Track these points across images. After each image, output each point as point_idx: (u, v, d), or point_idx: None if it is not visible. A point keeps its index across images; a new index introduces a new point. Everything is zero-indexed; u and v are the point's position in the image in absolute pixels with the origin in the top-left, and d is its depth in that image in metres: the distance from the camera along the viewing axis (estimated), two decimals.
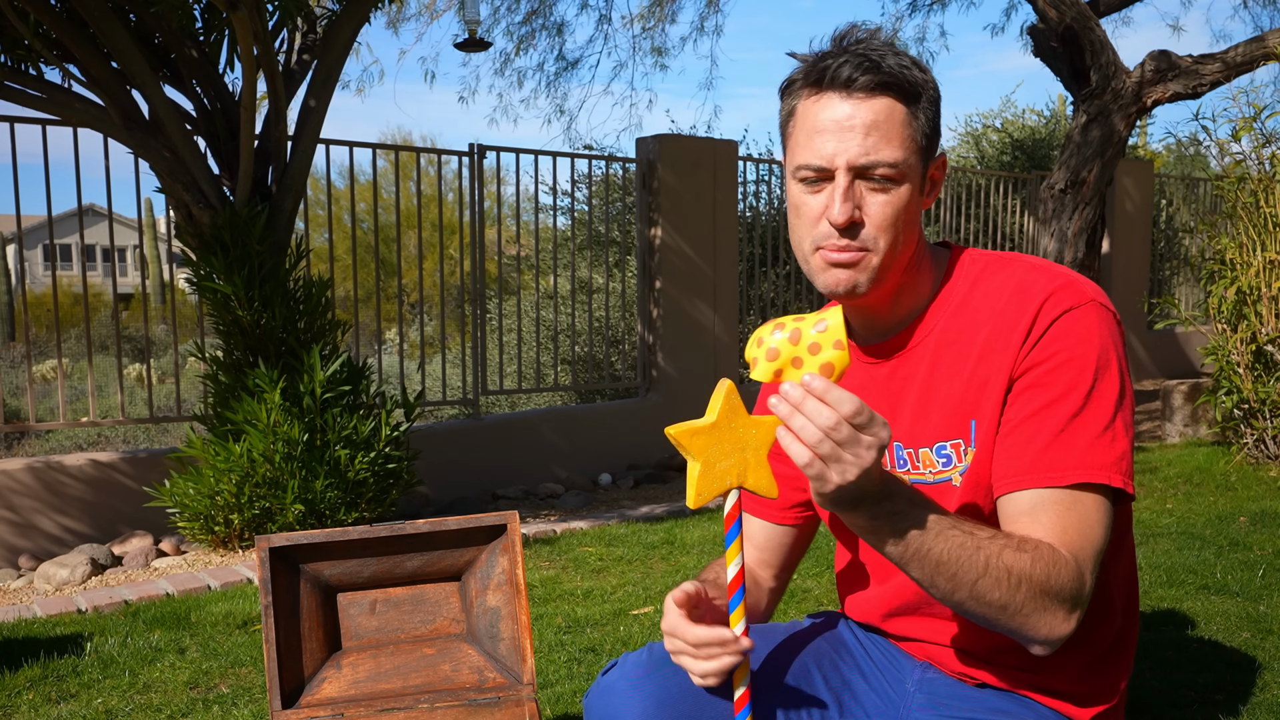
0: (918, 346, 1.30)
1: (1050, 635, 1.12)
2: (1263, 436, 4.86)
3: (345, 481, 3.91)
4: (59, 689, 2.55)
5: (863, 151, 1.18)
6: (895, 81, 1.19)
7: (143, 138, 3.77)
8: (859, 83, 1.18)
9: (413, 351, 8.57)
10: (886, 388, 1.32)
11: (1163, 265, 9.78)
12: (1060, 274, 1.24)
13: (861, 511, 1.06)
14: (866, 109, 1.19)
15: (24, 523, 4.12)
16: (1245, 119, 5.27)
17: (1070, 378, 1.17)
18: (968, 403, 1.24)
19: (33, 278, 31.17)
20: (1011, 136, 10.37)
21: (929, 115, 1.23)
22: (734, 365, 6.42)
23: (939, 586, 1.10)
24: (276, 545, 1.58)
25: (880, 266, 1.22)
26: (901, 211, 1.21)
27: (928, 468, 1.28)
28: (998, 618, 1.11)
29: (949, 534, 1.08)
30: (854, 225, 1.21)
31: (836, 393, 0.98)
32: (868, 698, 1.38)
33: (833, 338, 0.99)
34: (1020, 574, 1.08)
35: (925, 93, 1.21)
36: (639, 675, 1.29)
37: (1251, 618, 2.70)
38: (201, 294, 4.04)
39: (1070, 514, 1.14)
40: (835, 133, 1.19)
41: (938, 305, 1.30)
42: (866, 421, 0.99)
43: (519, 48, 9.98)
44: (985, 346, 1.23)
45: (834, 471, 1.00)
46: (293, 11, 3.77)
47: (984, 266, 1.30)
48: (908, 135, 1.20)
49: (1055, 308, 1.20)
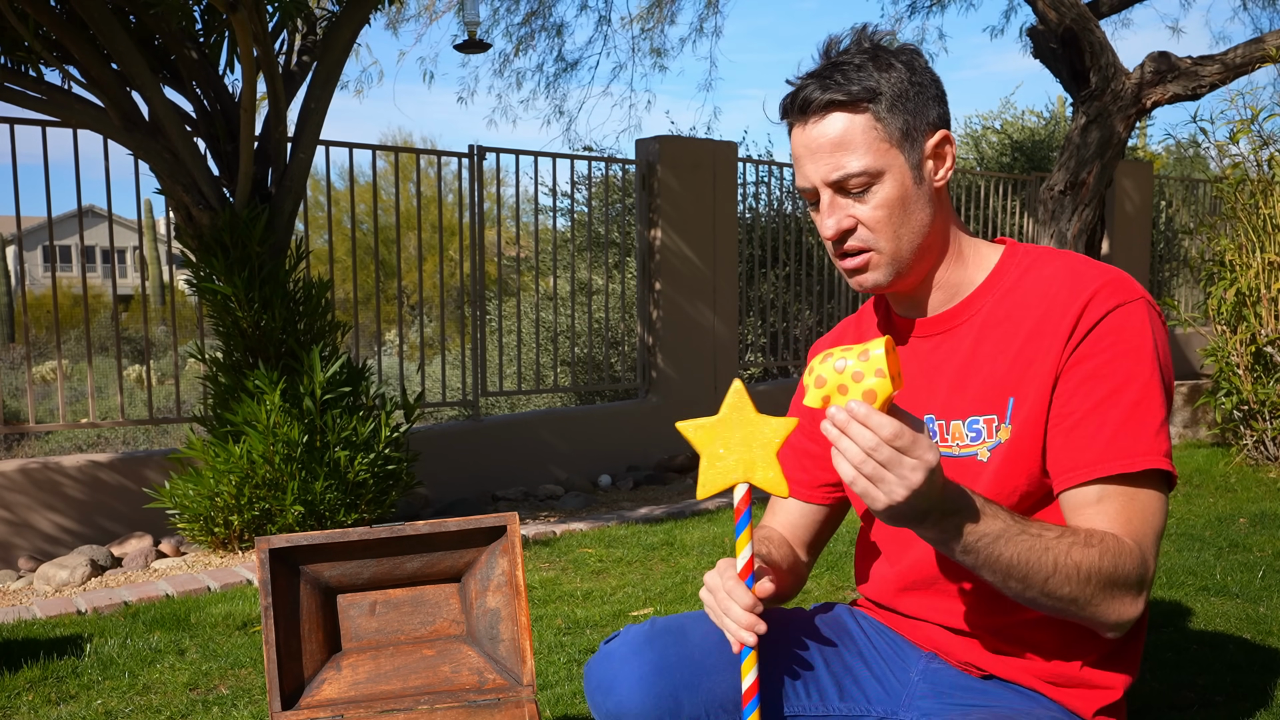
0: (963, 324, 1.33)
1: (1120, 619, 1.18)
2: (1262, 438, 4.86)
3: (345, 483, 3.91)
4: (59, 690, 2.55)
5: (832, 168, 1.26)
6: (843, 96, 1.25)
7: (142, 139, 3.77)
8: (812, 105, 1.27)
9: (412, 353, 8.57)
10: (929, 361, 1.35)
11: (1162, 267, 9.78)
12: (1112, 270, 1.28)
13: (928, 525, 1.09)
14: (825, 128, 1.26)
15: (23, 524, 4.12)
16: (1243, 121, 5.27)
17: (1128, 370, 1.20)
18: (1009, 380, 1.26)
19: (32, 279, 31.17)
20: (1011, 138, 10.38)
21: (900, 108, 1.26)
22: (733, 366, 6.42)
23: (1011, 587, 1.14)
24: (276, 546, 1.58)
25: (892, 260, 1.29)
26: (894, 207, 1.27)
27: (955, 440, 1.30)
28: (1068, 609, 1.16)
29: (1017, 540, 1.11)
30: (845, 234, 1.29)
31: (878, 418, 1.02)
32: (869, 684, 1.39)
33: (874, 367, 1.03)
34: (1089, 569, 1.13)
35: (882, 92, 1.25)
36: (639, 643, 1.33)
37: (1251, 619, 2.70)
38: (201, 295, 4.05)
39: (1134, 503, 1.19)
40: (808, 157, 1.28)
41: (985, 288, 1.33)
42: (909, 445, 1.02)
43: (518, 48, 9.99)
44: (1034, 329, 1.26)
45: (881, 491, 1.04)
46: (292, 13, 3.77)
47: (1036, 257, 1.33)
48: (873, 139, 1.25)
49: (1108, 301, 1.22)
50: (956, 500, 1.08)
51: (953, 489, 1.08)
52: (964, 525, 1.09)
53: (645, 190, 6.03)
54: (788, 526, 1.55)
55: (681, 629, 1.35)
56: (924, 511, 1.06)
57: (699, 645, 1.32)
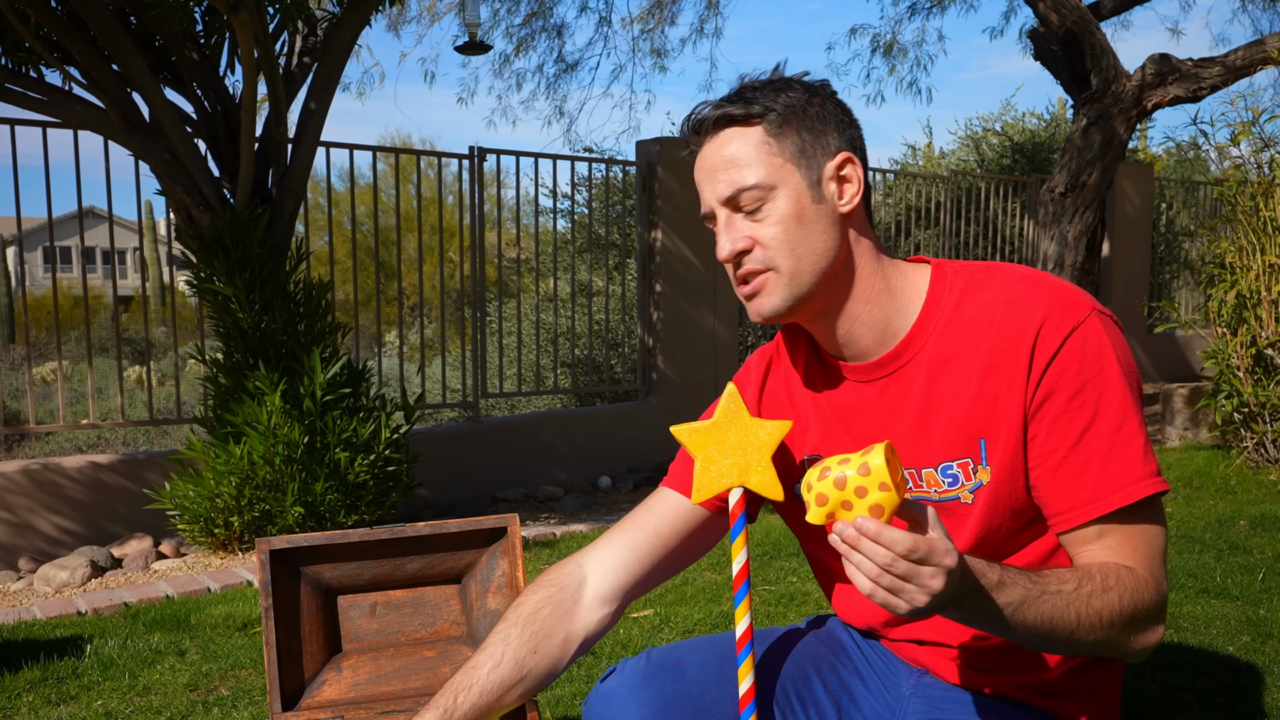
0: (908, 365, 1.28)
1: (1145, 648, 1.19)
2: (1263, 440, 4.86)
3: (345, 484, 3.91)
4: (59, 691, 2.55)
5: (726, 185, 1.24)
6: (735, 110, 1.24)
7: (143, 140, 3.77)
8: (705, 123, 1.26)
9: (413, 354, 8.57)
10: (877, 407, 1.30)
11: (1163, 269, 9.79)
12: (1051, 285, 1.23)
13: (950, 610, 1.07)
14: (718, 145, 1.26)
15: (23, 525, 4.12)
16: (1244, 123, 5.27)
17: (1099, 396, 1.18)
18: (975, 422, 1.23)
19: (33, 280, 31.17)
20: (1011, 140, 10.38)
21: (794, 126, 1.24)
22: (733, 368, 6.42)
23: (1034, 643, 1.14)
24: (277, 548, 1.58)
25: (790, 281, 1.24)
26: (789, 224, 1.23)
27: (932, 487, 1.27)
28: (1093, 652, 1.18)
29: (1039, 602, 1.10)
30: (741, 254, 1.25)
31: (889, 533, 1.00)
32: (866, 702, 1.38)
33: (878, 481, 1.01)
34: (1111, 614, 1.13)
35: (775, 108, 1.24)
36: (637, 682, 1.29)
37: (1251, 621, 2.70)
38: (202, 296, 4.05)
39: (1135, 531, 1.19)
40: (705, 179, 1.27)
41: (923, 322, 1.28)
42: (926, 555, 1.00)
43: (519, 49, 10.01)
44: (987, 364, 1.22)
45: (902, 601, 1.02)
46: (293, 14, 3.77)
47: (968, 280, 1.28)
48: (765, 154, 1.23)
49: (1060, 326, 1.19)
50: (973, 581, 1.07)
51: (968, 571, 1.06)
52: (985, 602, 1.08)
53: (646, 192, 6.03)
54: (645, 532, 1.40)
55: (679, 663, 1.31)
56: (944, 605, 1.04)
57: (697, 681, 1.29)
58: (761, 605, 3.04)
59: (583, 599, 1.37)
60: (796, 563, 3.50)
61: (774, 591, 3.18)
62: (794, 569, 3.43)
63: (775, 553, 3.63)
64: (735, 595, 1.19)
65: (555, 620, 1.35)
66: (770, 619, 2.88)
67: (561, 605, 1.36)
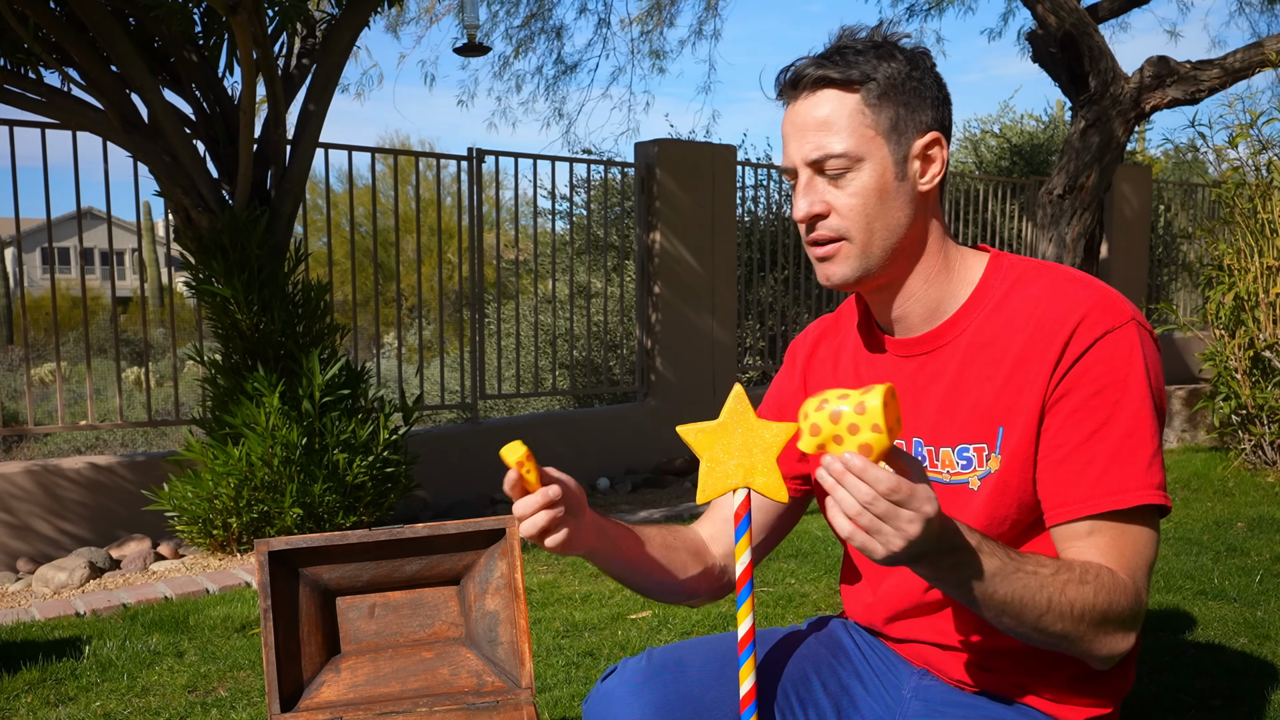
0: (948, 345, 1.30)
1: (1111, 653, 1.18)
2: (1260, 442, 4.87)
3: (344, 485, 3.91)
4: (57, 692, 2.55)
5: (813, 148, 1.24)
6: (835, 74, 1.23)
7: (142, 141, 3.77)
8: (804, 80, 1.24)
9: (411, 356, 8.57)
10: (914, 381, 1.32)
11: (1161, 271, 9.79)
12: (1098, 289, 1.24)
13: (923, 565, 1.07)
14: (813, 105, 1.25)
15: (22, 526, 4.11)
16: (1241, 125, 5.28)
17: (1117, 401, 1.18)
18: (998, 409, 1.24)
19: (31, 281, 31.14)
20: (1010, 142, 10.39)
21: (892, 99, 1.23)
22: (732, 369, 6.43)
23: (1004, 623, 1.14)
24: (276, 549, 1.59)
25: (862, 253, 1.26)
26: (869, 197, 1.24)
27: (946, 468, 1.28)
28: (1059, 644, 1.16)
29: (1013, 578, 1.10)
30: (816, 218, 1.26)
31: (874, 471, 1.00)
32: (865, 704, 1.38)
33: (871, 421, 1.01)
34: (1083, 607, 1.12)
35: (876, 78, 1.23)
36: (638, 681, 1.29)
37: (1249, 623, 2.70)
38: (200, 297, 4.04)
39: (1125, 537, 1.18)
40: (793, 135, 1.26)
41: (970, 305, 1.29)
42: (906, 497, 1.00)
43: (518, 51, 10.01)
44: (1021, 354, 1.23)
45: (878, 542, 1.02)
46: (292, 16, 3.78)
47: (1021, 272, 1.29)
48: (858, 124, 1.23)
49: (1097, 326, 1.19)
50: (952, 539, 1.07)
51: (949, 528, 1.07)
52: (960, 564, 1.08)
53: (644, 193, 6.03)
54: (728, 524, 1.50)
55: (680, 663, 1.32)
56: (919, 555, 1.05)
57: (698, 681, 1.30)
58: (760, 606, 3.04)
59: (710, 548, 1.48)
60: (795, 564, 3.50)
61: (773, 593, 3.19)
62: (793, 570, 3.43)
63: (774, 554, 3.63)
64: (738, 596, 1.19)
65: (689, 543, 1.46)
66: (769, 620, 2.88)
67: (696, 541, 1.48)
